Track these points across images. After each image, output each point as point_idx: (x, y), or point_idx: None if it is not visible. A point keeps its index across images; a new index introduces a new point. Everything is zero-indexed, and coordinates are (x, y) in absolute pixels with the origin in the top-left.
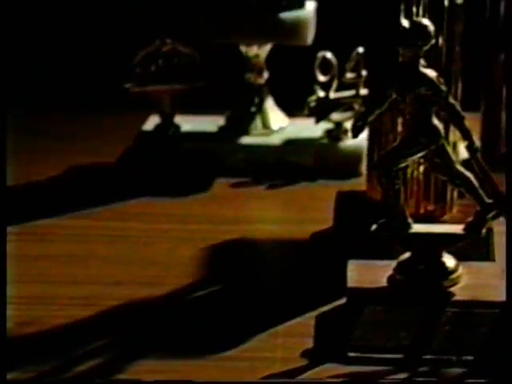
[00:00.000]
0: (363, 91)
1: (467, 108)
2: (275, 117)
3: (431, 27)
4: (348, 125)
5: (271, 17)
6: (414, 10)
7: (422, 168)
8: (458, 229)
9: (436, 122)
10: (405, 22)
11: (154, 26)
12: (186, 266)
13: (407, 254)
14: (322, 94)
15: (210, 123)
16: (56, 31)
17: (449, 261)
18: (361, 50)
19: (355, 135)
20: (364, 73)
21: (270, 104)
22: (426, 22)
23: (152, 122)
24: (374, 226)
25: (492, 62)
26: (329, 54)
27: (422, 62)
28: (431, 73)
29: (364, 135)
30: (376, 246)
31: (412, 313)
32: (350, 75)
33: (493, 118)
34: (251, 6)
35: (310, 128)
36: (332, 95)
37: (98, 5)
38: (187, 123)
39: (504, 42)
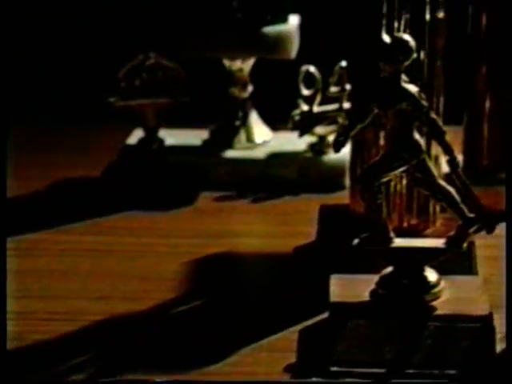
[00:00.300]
0: (347, 105)
1: (449, 121)
2: (259, 130)
3: (412, 42)
4: (332, 138)
5: (255, 31)
6: (396, 24)
7: (404, 182)
8: (439, 243)
9: (417, 136)
10: (386, 38)
11: (139, 40)
12: (171, 280)
13: (390, 269)
14: (305, 107)
15: (194, 137)
16: (41, 45)
17: (431, 275)
18: (344, 64)
19: (337, 150)
20: (347, 87)
21: (253, 118)
22: (406, 37)
23: (136, 136)
24: (356, 241)
25: (474, 75)
26: (312, 68)
27: (403, 77)
28: (412, 88)
29: (347, 149)
30: (358, 260)
31: (394, 327)
32: (333, 89)
33: (475, 131)
34: (235, 21)
35: (293, 142)
36: (316, 109)
37: (83, 19)
38: (171, 137)
39: (486, 56)
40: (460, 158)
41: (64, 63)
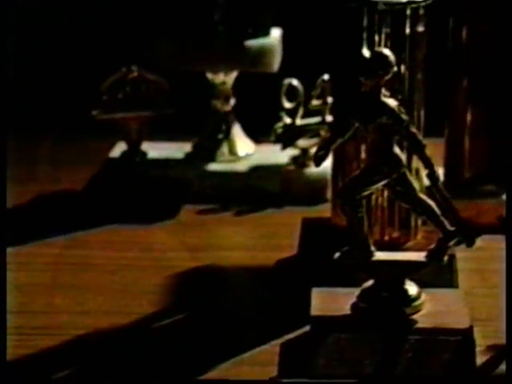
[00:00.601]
0: (329, 118)
1: (431, 133)
2: (242, 143)
3: (392, 57)
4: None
5: (237, 44)
6: (376, 38)
7: (386, 195)
8: (420, 256)
9: (397, 150)
10: (365, 52)
11: (122, 53)
12: (153, 294)
13: (370, 282)
14: (288, 120)
15: (177, 150)
16: (24, 57)
17: (411, 288)
18: (326, 77)
19: (317, 164)
20: (330, 100)
21: (236, 131)
22: (386, 51)
23: (119, 149)
24: (337, 254)
25: (455, 87)
26: (295, 81)
27: (383, 91)
28: (392, 102)
29: (329, 162)
30: (340, 273)
31: (375, 340)
32: (315, 102)
33: (456, 144)
34: (218, 34)
35: (276, 154)
36: (298, 122)
37: (65, 32)
38: (154, 150)
39: (467, 68)
40: (441, 170)
41: (47, 76)
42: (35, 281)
